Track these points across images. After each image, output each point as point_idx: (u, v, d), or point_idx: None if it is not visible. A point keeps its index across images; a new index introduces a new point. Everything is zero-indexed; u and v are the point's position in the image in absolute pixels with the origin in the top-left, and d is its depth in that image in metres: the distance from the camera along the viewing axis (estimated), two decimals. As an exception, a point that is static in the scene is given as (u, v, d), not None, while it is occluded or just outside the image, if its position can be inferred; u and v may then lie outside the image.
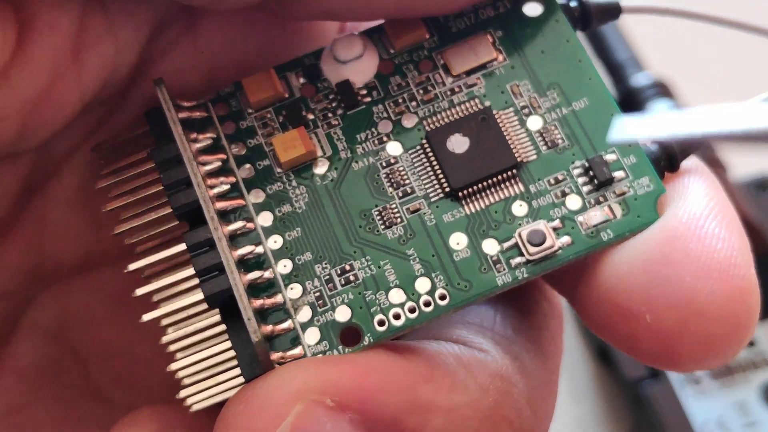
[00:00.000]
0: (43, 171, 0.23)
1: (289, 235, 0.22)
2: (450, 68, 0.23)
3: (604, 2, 0.24)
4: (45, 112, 0.21)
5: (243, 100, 0.23)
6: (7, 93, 0.20)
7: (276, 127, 0.23)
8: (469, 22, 0.24)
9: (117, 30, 0.22)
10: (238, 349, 0.20)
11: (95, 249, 0.24)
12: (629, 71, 0.43)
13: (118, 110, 0.23)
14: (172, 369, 0.21)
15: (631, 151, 0.22)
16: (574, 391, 0.41)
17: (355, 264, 0.21)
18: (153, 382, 0.25)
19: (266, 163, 0.23)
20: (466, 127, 0.22)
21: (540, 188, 0.22)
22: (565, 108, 0.22)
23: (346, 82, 0.23)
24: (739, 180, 0.43)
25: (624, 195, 0.21)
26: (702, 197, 0.21)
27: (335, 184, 0.22)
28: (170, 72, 0.23)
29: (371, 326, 0.21)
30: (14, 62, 0.20)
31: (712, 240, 0.20)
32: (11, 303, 0.24)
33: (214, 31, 0.23)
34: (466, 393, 0.20)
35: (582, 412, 0.41)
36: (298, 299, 0.21)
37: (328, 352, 0.21)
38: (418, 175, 0.22)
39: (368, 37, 0.24)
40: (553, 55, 0.23)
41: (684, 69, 0.46)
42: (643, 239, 0.21)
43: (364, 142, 0.23)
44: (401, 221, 0.22)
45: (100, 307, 0.25)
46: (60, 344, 0.25)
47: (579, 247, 0.21)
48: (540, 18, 0.23)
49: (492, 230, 0.21)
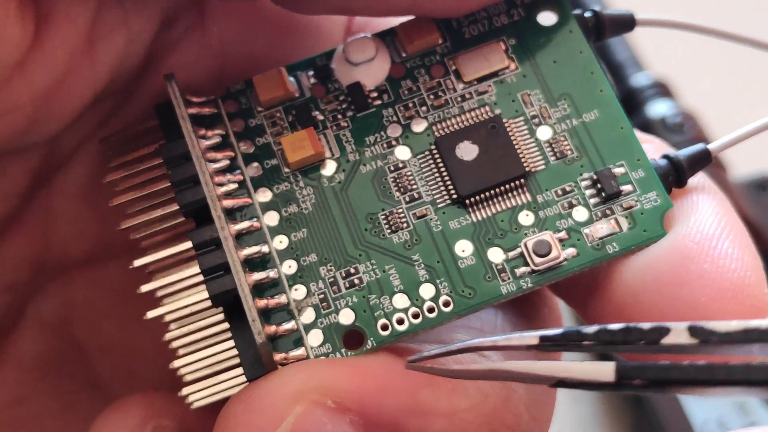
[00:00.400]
0: (52, 163, 0.23)
1: (295, 235, 0.22)
2: (461, 74, 0.23)
3: (618, 14, 0.24)
4: (56, 103, 0.21)
5: (253, 97, 0.23)
6: (23, 84, 0.20)
7: (285, 126, 0.23)
8: (482, 29, 0.24)
9: (131, 21, 0.22)
10: (241, 348, 0.20)
11: (101, 243, 0.24)
12: (629, 71, 0.43)
13: (126, 102, 0.23)
14: (174, 366, 0.21)
15: (639, 165, 0.22)
16: (574, 391, 0.41)
17: (360, 267, 0.21)
18: (154, 376, 0.25)
19: (274, 163, 0.23)
20: (476, 135, 0.22)
21: (547, 198, 0.22)
22: (575, 119, 0.22)
23: (357, 84, 0.23)
24: (739, 180, 0.43)
25: (631, 209, 0.21)
26: (713, 216, 0.21)
27: (342, 186, 0.22)
28: (180, 65, 0.23)
29: (374, 330, 0.21)
30: (31, 54, 0.20)
31: (725, 260, 0.20)
32: (16, 294, 0.24)
33: (223, 24, 0.23)
34: (466, 397, 0.20)
35: (582, 412, 0.41)
36: (302, 300, 0.21)
37: (331, 355, 0.21)
38: (426, 180, 0.22)
39: (380, 40, 0.24)
40: (566, 66, 0.23)
41: (684, 69, 0.46)
42: (656, 257, 0.21)
43: (373, 145, 0.23)
44: (407, 226, 0.22)
45: (103, 301, 0.25)
46: (63, 337, 0.25)
47: (584, 259, 0.21)
48: (554, 28, 0.23)
49: (498, 239, 0.21)
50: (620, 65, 0.43)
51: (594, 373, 0.16)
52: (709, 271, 0.20)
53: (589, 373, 0.16)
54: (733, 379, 0.15)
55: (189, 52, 0.23)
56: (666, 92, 0.42)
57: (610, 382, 0.16)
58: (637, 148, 0.22)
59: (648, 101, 0.42)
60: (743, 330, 0.15)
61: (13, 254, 0.24)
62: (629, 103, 0.42)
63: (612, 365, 0.16)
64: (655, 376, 0.15)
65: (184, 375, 0.21)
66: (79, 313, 0.25)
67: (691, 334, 0.15)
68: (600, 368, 0.16)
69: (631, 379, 0.15)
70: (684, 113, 0.41)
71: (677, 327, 0.15)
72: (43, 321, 0.25)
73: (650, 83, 0.43)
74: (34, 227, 0.24)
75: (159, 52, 0.23)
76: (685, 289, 0.20)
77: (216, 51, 0.23)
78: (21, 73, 0.20)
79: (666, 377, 0.15)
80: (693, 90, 0.45)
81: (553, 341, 0.16)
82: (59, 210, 0.24)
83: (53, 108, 0.21)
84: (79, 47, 0.21)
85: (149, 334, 0.24)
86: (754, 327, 0.15)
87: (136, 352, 0.25)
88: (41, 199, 0.24)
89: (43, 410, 0.24)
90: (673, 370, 0.15)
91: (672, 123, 0.41)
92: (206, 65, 0.23)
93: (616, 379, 0.16)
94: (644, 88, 0.42)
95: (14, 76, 0.20)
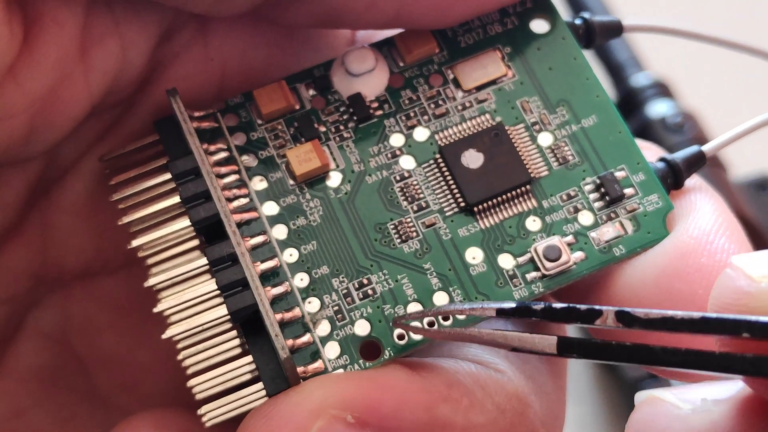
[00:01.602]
0: (50, 177, 0.23)
1: (305, 248, 0.22)
2: (461, 83, 0.23)
3: (607, 20, 0.25)
4: (53, 111, 0.21)
5: (253, 110, 0.23)
6: (15, 90, 0.20)
7: (288, 139, 0.23)
8: (477, 38, 0.24)
9: (122, 29, 0.22)
10: (260, 363, 0.20)
11: (99, 256, 0.24)
12: (629, 71, 0.44)
13: (126, 117, 0.23)
14: (190, 385, 0.21)
15: (639, 169, 0.22)
16: (574, 392, 0.42)
17: (372, 278, 0.21)
18: (154, 388, 0.25)
19: (279, 176, 0.22)
20: (480, 143, 0.23)
21: (553, 204, 0.22)
22: (574, 125, 0.23)
23: (357, 94, 0.23)
24: (739, 180, 0.44)
25: (634, 211, 0.22)
26: (710, 214, 0.21)
27: (349, 197, 0.22)
28: (179, 78, 0.23)
29: (391, 340, 0.21)
30: (21, 59, 0.20)
31: (722, 254, 0.21)
32: (15, 306, 0.24)
33: (224, 38, 0.23)
34: (483, 413, 0.20)
35: (582, 412, 0.42)
36: (316, 313, 0.21)
37: (349, 367, 0.21)
38: (432, 189, 0.22)
39: (378, 50, 0.24)
40: (561, 72, 0.23)
41: (684, 69, 0.46)
42: (655, 254, 0.21)
43: (377, 155, 0.23)
44: (417, 235, 0.22)
45: (102, 314, 0.24)
46: (62, 349, 0.24)
47: (593, 263, 0.22)
48: (547, 35, 0.24)
49: (507, 245, 0.22)
50: (620, 65, 0.44)
51: (540, 344, 0.19)
52: (706, 265, 0.21)
53: (537, 345, 0.19)
54: (651, 359, 0.17)
55: (189, 66, 0.23)
56: (666, 92, 0.43)
57: (552, 353, 0.18)
58: (636, 151, 0.23)
59: (648, 101, 0.42)
60: (661, 318, 0.17)
61: (12, 266, 0.23)
62: (629, 103, 0.43)
63: (554, 339, 0.18)
64: (586, 351, 0.18)
65: (198, 393, 0.21)
66: (78, 325, 0.24)
67: (617, 319, 0.18)
68: (545, 341, 0.18)
69: (570, 352, 0.18)
70: (684, 113, 0.42)
71: (608, 310, 0.18)
72: (42, 333, 0.24)
73: (650, 83, 0.43)
74: (33, 240, 0.23)
75: (160, 65, 0.23)
76: (684, 283, 0.21)
77: (216, 64, 0.23)
78: (13, 79, 0.20)
79: (595, 353, 0.18)
80: (693, 90, 0.45)
81: (507, 313, 0.19)
82: (58, 223, 0.23)
83: (50, 116, 0.21)
84: (71, 53, 0.21)
85: (149, 346, 0.24)
86: (671, 316, 0.17)
87: (135, 365, 0.24)
88: (40, 211, 0.23)
89: (43, 422, 0.24)
90: (604, 348, 0.18)
91: (672, 123, 0.41)
92: (206, 78, 0.23)
93: (559, 350, 0.18)
94: (644, 88, 0.43)
95: (6, 82, 0.20)
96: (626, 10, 0.23)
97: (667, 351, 0.17)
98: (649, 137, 0.41)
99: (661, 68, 0.45)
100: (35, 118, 0.21)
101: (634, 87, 0.43)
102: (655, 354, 0.17)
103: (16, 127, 0.21)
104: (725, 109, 0.42)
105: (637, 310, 0.18)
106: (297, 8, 0.22)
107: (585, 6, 0.43)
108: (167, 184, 0.22)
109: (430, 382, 0.20)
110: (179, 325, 0.21)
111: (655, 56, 0.46)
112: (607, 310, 0.18)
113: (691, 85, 0.46)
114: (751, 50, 0.24)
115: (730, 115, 0.37)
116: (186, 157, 0.21)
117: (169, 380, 0.24)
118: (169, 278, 0.21)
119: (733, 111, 0.40)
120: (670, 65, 0.45)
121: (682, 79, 0.45)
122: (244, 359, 0.21)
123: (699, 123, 0.42)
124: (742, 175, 0.45)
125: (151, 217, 0.22)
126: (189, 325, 0.21)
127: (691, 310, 0.20)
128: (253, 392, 0.21)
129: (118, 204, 0.22)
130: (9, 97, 0.20)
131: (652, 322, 0.17)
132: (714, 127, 0.43)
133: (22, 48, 0.20)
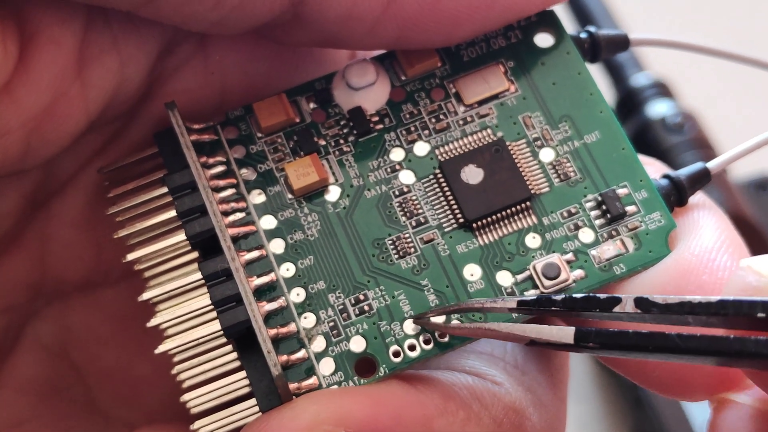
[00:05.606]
0: (49, 189, 0.23)
1: (302, 263, 0.22)
2: (462, 97, 0.23)
3: (613, 34, 0.24)
4: (50, 127, 0.21)
5: (253, 123, 0.23)
6: (11, 107, 0.20)
7: (287, 152, 0.23)
8: (480, 51, 0.24)
9: (121, 45, 0.22)
10: (253, 379, 0.20)
11: (98, 268, 0.24)
12: (629, 71, 0.43)
13: (126, 130, 0.23)
14: (184, 400, 0.21)
15: (642, 186, 0.22)
16: (574, 392, 0.41)
17: (369, 294, 0.21)
18: (152, 400, 0.24)
19: (277, 189, 0.22)
20: (480, 158, 0.22)
21: (553, 221, 0.22)
22: (577, 141, 0.23)
23: (358, 108, 0.23)
24: (739, 180, 0.44)
25: (636, 229, 0.22)
26: (713, 231, 0.21)
27: (348, 212, 0.22)
28: (180, 92, 0.23)
29: (386, 357, 0.21)
30: (17, 77, 0.20)
31: (724, 272, 0.20)
32: (14, 317, 0.24)
33: (224, 52, 0.23)
34: (479, 426, 0.20)
35: (582, 413, 0.41)
36: (311, 329, 0.21)
37: (344, 383, 0.21)
38: (432, 204, 0.22)
39: (380, 64, 0.24)
40: (565, 87, 0.23)
41: (684, 69, 0.46)
42: (657, 271, 0.21)
43: (377, 169, 0.23)
44: (415, 251, 0.22)
45: (101, 326, 0.24)
46: (61, 360, 0.24)
47: (592, 281, 0.21)
48: (551, 49, 0.24)
49: (506, 262, 0.22)
50: (620, 65, 0.44)
51: (558, 335, 0.18)
52: (707, 282, 0.20)
53: (554, 335, 0.19)
54: (667, 345, 0.17)
55: (190, 80, 0.23)
56: (666, 92, 0.43)
57: (570, 344, 0.18)
58: (639, 168, 0.22)
59: (648, 101, 0.42)
60: (679, 303, 0.18)
61: (11, 276, 0.23)
62: (629, 103, 0.42)
63: (572, 330, 0.18)
64: (605, 341, 0.18)
65: (192, 408, 0.21)
66: (76, 337, 0.24)
67: (636, 305, 0.18)
68: (562, 332, 0.18)
69: (586, 342, 0.18)
70: (684, 113, 0.41)
71: (627, 297, 0.18)
72: (41, 345, 0.24)
73: (650, 83, 0.43)
74: (32, 251, 0.23)
75: (160, 80, 0.23)
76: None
77: (217, 77, 0.23)
78: (8, 97, 0.20)
79: (614, 342, 0.18)
80: (693, 90, 0.45)
81: (528, 305, 0.20)
82: (57, 235, 0.23)
83: (46, 133, 0.21)
84: (68, 70, 0.21)
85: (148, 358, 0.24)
86: (688, 300, 0.17)
87: (134, 377, 0.24)
88: (39, 223, 0.23)
89: None
90: (620, 336, 0.18)
91: (672, 123, 0.41)
92: (207, 92, 0.23)
93: (575, 341, 0.18)
94: (644, 88, 0.43)
95: (1, 99, 0.20)
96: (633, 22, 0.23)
97: (683, 337, 0.17)
98: (649, 137, 0.40)
99: (661, 68, 0.44)
100: (31, 135, 0.21)
101: (634, 87, 0.43)
102: (672, 340, 0.17)
103: (11, 143, 0.21)
104: (725, 109, 0.41)
105: (656, 296, 0.18)
106: (296, 32, 0.22)
107: (592, 18, 0.42)
108: (165, 197, 0.22)
109: (426, 396, 0.20)
110: (174, 340, 0.21)
111: (655, 56, 0.45)
112: (626, 297, 0.18)
113: (691, 85, 0.45)
114: (757, 63, 0.24)
115: (730, 115, 0.37)
116: (182, 171, 0.21)
117: (168, 393, 0.24)
118: (165, 292, 0.21)
119: (733, 111, 0.39)
120: (670, 65, 0.45)
121: (682, 79, 0.45)
122: (239, 374, 0.21)
123: (699, 123, 0.41)
124: (742, 175, 0.44)
125: (149, 230, 0.22)
126: (184, 339, 0.21)
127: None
128: (247, 408, 0.20)
129: (115, 217, 0.22)
130: (4, 114, 0.20)
131: (669, 307, 0.18)
132: (714, 128, 0.42)
133: (17, 66, 0.20)
